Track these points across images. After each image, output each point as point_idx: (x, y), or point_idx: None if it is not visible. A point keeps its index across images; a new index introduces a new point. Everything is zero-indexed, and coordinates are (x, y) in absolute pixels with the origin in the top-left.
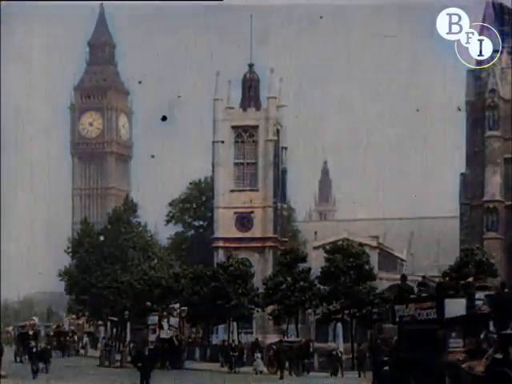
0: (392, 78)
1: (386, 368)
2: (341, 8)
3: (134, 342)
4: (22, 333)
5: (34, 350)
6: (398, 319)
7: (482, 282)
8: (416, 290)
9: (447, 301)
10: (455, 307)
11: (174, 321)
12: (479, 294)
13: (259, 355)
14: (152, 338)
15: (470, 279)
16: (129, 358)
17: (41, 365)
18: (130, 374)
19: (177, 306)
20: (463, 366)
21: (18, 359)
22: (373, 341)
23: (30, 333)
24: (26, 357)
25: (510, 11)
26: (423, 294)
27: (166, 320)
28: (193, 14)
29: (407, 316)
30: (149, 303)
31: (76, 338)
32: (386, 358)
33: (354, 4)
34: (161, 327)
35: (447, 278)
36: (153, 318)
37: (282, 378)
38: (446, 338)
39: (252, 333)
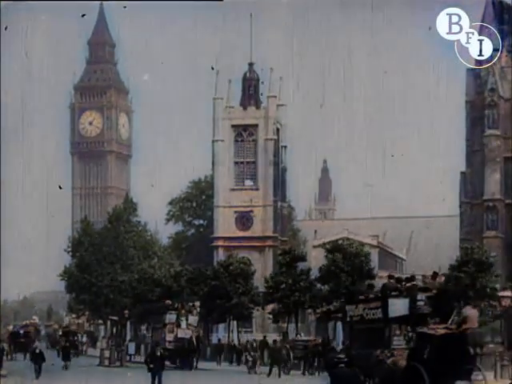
0: (392, 77)
1: (342, 366)
2: (340, 6)
3: (152, 341)
4: (14, 332)
5: (37, 350)
6: (348, 319)
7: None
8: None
9: (391, 301)
10: (398, 307)
11: (192, 319)
12: (421, 295)
13: (255, 354)
14: (170, 337)
15: (414, 282)
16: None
17: (66, 363)
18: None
19: (197, 303)
20: (388, 361)
21: (9, 357)
22: (325, 341)
23: (21, 332)
24: (17, 355)
25: (510, 10)
26: (370, 295)
27: (184, 318)
28: (193, 13)
29: (357, 316)
30: (168, 301)
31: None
32: (340, 356)
33: (354, 2)
34: (178, 326)
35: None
36: (170, 317)
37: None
38: (391, 336)
39: (252, 332)
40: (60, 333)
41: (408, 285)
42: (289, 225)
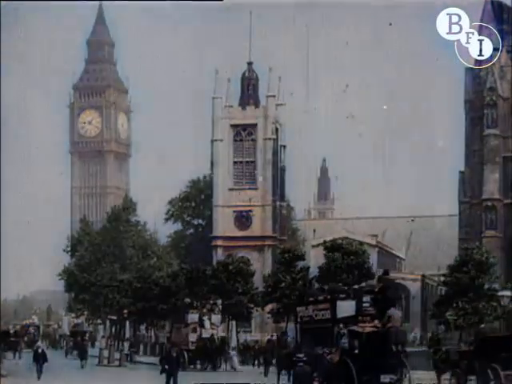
0: (391, 76)
1: (301, 364)
2: (341, 7)
3: (167, 341)
4: (3, 331)
5: (40, 350)
6: (299, 319)
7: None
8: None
9: (339, 303)
10: (346, 308)
11: (215, 318)
12: (366, 297)
13: (234, 352)
14: (193, 337)
15: (363, 284)
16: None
17: (82, 362)
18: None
19: (219, 301)
20: (328, 357)
21: None
22: (281, 339)
23: (12, 331)
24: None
25: (509, 9)
26: (319, 297)
27: (207, 318)
28: (192, 12)
29: (307, 316)
30: (188, 299)
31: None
32: (299, 355)
33: (354, 3)
34: (202, 325)
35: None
36: (192, 316)
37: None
38: (339, 335)
39: (251, 332)
40: (68, 333)
41: (356, 287)
42: (288, 224)
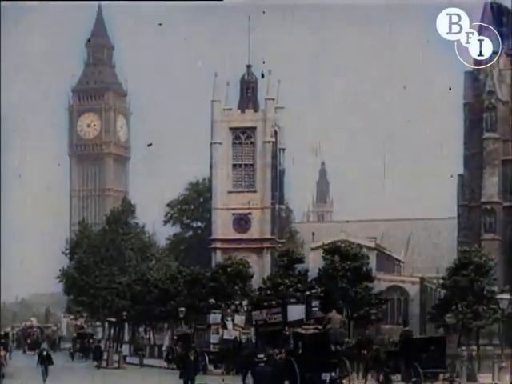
0: (391, 79)
1: (262, 364)
2: (341, 7)
3: (197, 344)
4: None
5: (45, 352)
6: (254, 322)
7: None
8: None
9: (290, 307)
10: (296, 312)
11: (239, 319)
12: (315, 302)
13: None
14: (214, 339)
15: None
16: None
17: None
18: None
19: (244, 302)
20: (277, 357)
21: None
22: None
23: (2, 333)
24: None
25: (509, 12)
26: (272, 303)
27: (230, 319)
28: (192, 14)
29: (261, 320)
30: (212, 300)
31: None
32: (260, 356)
33: (354, 4)
34: (224, 327)
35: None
36: (215, 317)
37: None
38: (289, 336)
39: (249, 333)
40: (75, 335)
41: (307, 293)
42: (287, 227)
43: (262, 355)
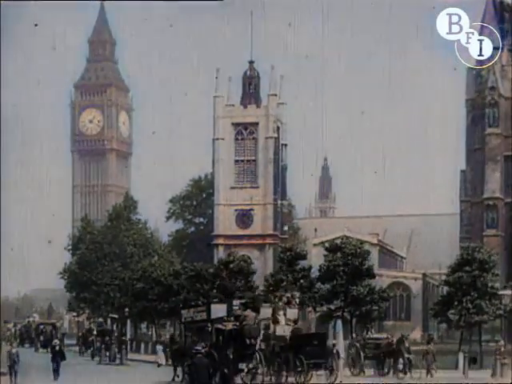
0: (392, 76)
1: (199, 356)
2: (341, 6)
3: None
4: None
5: (57, 348)
6: (183, 320)
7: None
8: None
9: (213, 306)
10: (219, 311)
11: (292, 313)
12: (236, 302)
13: (161, 347)
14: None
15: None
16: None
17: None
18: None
19: (296, 293)
20: (203, 350)
21: None
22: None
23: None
24: None
25: (511, 8)
26: (199, 302)
27: (282, 312)
28: (193, 10)
29: (189, 317)
30: (260, 292)
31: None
32: (198, 348)
33: (355, 3)
34: (276, 321)
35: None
36: (265, 311)
37: None
38: (212, 332)
39: None
40: (95, 332)
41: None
42: (289, 223)
43: (199, 347)
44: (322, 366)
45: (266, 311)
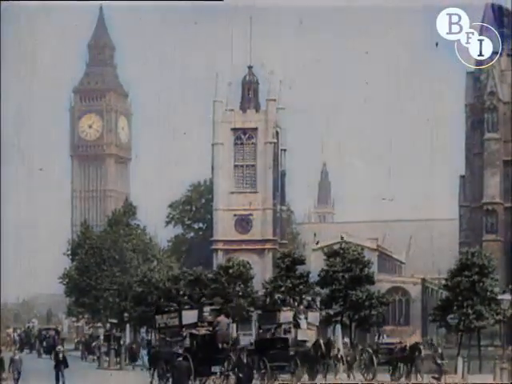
0: (392, 80)
1: (180, 359)
2: (340, 9)
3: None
4: None
5: (61, 355)
6: (157, 325)
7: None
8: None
9: (184, 312)
10: (190, 317)
11: (313, 317)
12: (206, 308)
13: (145, 351)
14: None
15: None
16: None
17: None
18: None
19: (318, 298)
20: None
21: None
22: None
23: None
24: None
25: (510, 13)
26: (171, 308)
27: (303, 317)
28: (192, 14)
29: (163, 323)
30: (280, 295)
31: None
32: (179, 351)
33: (353, 5)
34: (297, 326)
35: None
36: (285, 315)
37: None
38: (186, 336)
39: (251, 335)
40: (102, 337)
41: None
42: (288, 228)
43: (181, 350)
44: (284, 369)
45: (285, 315)
